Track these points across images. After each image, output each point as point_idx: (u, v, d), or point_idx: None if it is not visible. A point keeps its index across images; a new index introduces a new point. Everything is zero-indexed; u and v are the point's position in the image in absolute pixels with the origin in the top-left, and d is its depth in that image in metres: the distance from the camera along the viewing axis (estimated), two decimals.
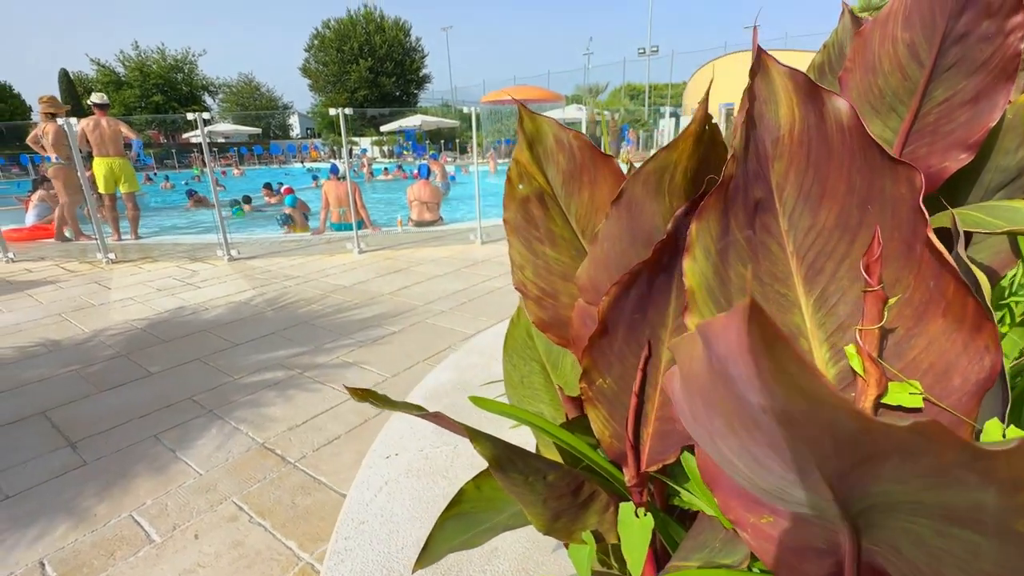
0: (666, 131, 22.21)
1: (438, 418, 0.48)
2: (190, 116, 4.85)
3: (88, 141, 5.68)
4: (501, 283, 3.98)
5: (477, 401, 0.62)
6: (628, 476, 0.60)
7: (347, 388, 0.50)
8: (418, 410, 0.51)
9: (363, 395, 0.50)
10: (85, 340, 3.04)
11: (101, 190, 5.88)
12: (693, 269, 0.37)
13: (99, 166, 5.80)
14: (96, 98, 5.95)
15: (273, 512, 1.58)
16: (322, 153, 26.03)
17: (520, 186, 0.64)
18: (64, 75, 31.11)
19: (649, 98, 33.37)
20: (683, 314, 0.38)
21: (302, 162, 24.91)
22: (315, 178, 14.47)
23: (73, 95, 28.96)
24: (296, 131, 42.77)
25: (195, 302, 3.70)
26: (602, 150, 0.64)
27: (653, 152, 0.65)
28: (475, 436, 0.47)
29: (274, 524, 1.53)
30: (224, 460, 1.85)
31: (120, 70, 30.16)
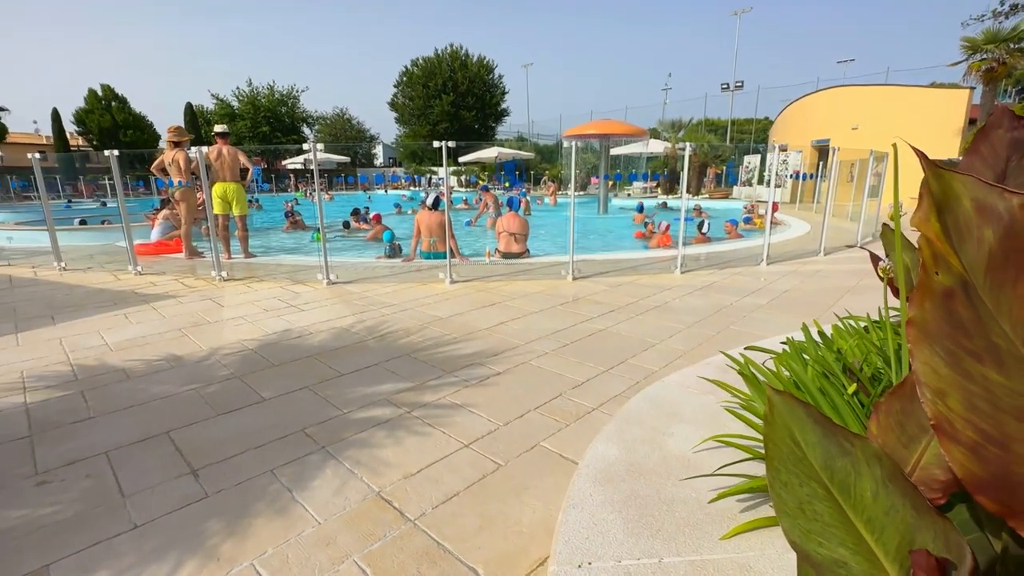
0: (753, 166, 21.27)
1: None
2: (305, 146, 5.13)
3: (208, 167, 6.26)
4: (601, 324, 3.75)
5: None
6: None
7: None
8: None
9: None
10: (203, 358, 3.14)
11: (216, 211, 6.38)
12: None
13: (216, 190, 6.33)
14: (219, 128, 6.65)
15: None
16: (403, 181, 27.33)
17: (937, 273, 0.44)
18: (188, 107, 35.18)
19: (730, 133, 32.42)
20: None
21: (385, 189, 26.24)
22: (397, 205, 15.14)
23: (195, 126, 32.59)
24: (379, 160, 45.53)
25: (300, 325, 3.78)
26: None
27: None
28: None
29: None
30: (342, 509, 1.73)
31: (234, 104, 33.67)
